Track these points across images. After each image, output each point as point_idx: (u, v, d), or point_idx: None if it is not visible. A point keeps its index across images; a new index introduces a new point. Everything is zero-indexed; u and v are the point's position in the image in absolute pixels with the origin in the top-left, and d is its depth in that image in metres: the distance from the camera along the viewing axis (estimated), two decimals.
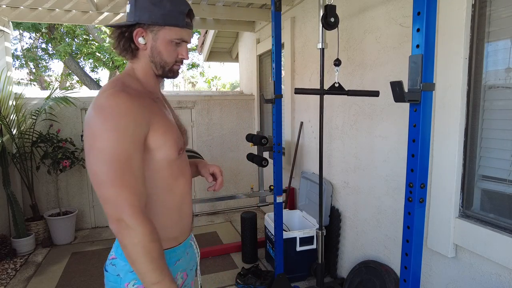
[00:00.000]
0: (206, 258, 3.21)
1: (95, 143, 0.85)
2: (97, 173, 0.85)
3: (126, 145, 0.86)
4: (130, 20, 0.98)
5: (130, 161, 0.87)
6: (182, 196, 1.06)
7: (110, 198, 0.85)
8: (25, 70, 11.09)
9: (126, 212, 0.84)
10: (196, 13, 3.60)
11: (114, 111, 0.87)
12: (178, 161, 1.03)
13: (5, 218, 3.50)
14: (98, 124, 0.86)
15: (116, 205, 0.84)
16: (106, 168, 0.84)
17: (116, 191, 0.84)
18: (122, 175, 0.85)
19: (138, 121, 0.89)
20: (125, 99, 0.89)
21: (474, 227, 1.57)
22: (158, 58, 1.01)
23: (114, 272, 0.99)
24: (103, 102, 0.88)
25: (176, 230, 1.05)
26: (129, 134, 0.87)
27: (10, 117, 3.39)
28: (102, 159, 0.85)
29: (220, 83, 16.42)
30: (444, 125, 1.68)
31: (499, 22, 1.50)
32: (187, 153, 1.15)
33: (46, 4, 3.18)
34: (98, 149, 0.85)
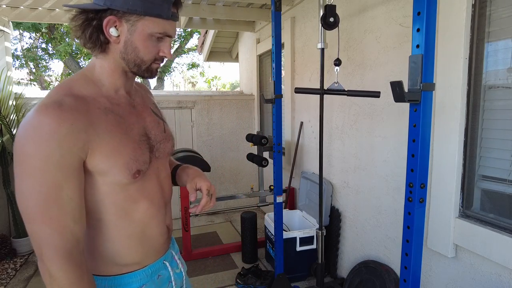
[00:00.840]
0: (206, 258, 3.22)
1: (17, 169, 0.73)
2: (20, 204, 0.74)
3: (51, 175, 0.72)
4: (98, 4, 0.78)
5: (57, 193, 0.73)
6: (144, 220, 0.91)
7: (32, 235, 0.73)
8: (25, 70, 11.09)
9: (46, 254, 0.72)
10: (196, 13, 3.61)
11: (37, 133, 0.72)
12: (138, 184, 0.88)
13: (5, 218, 3.51)
14: (20, 147, 0.73)
15: (38, 244, 0.73)
16: (27, 200, 0.72)
17: (38, 227, 0.72)
18: (46, 210, 0.72)
19: (66, 146, 0.73)
20: (52, 118, 0.73)
21: (474, 227, 1.57)
22: (132, 55, 0.83)
23: None
24: (29, 120, 0.73)
25: (137, 255, 0.92)
26: (54, 162, 0.72)
27: (10, 117, 3.39)
28: (25, 188, 0.72)
29: (220, 83, 16.43)
30: (444, 125, 1.68)
31: (499, 22, 1.50)
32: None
33: (46, 4, 3.18)
34: (21, 177, 0.73)
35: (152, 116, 0.99)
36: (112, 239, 0.87)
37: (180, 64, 13.18)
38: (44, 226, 0.72)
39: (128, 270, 0.91)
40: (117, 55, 0.84)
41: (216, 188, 3.64)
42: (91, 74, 0.86)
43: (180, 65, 13.17)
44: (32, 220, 0.73)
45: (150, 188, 0.93)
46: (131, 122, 0.89)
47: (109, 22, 0.79)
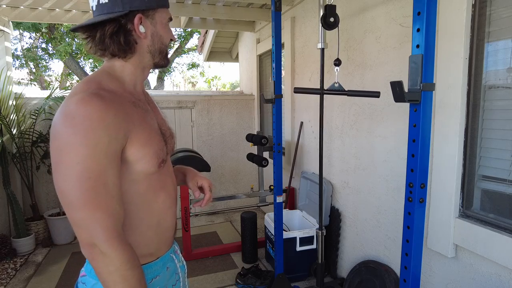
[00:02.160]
0: (206, 258, 3.22)
1: (63, 158, 0.75)
2: (66, 193, 0.75)
3: (98, 161, 0.76)
4: (114, 11, 0.83)
5: (104, 179, 0.77)
6: (161, 211, 0.95)
7: (82, 221, 0.76)
8: (25, 70, 11.09)
9: (100, 238, 0.75)
10: (196, 13, 3.62)
11: (85, 121, 0.75)
12: (158, 174, 0.93)
13: (5, 218, 3.50)
14: (66, 137, 0.75)
15: (88, 229, 0.76)
16: (76, 188, 0.74)
17: (88, 213, 0.75)
18: (95, 195, 0.75)
19: (112, 134, 0.77)
20: (98, 107, 0.76)
21: (474, 227, 1.57)
22: (159, 44, 0.92)
23: None
24: (72, 109, 0.76)
25: (152, 246, 0.95)
26: (102, 149, 0.76)
27: (10, 117, 3.39)
28: (71, 177, 0.74)
29: (220, 83, 16.43)
30: (444, 125, 1.68)
31: (499, 22, 1.50)
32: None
33: (46, 4, 3.18)
34: (66, 165, 0.74)
35: (161, 114, 1.05)
36: (133, 229, 0.90)
37: (180, 64, 13.19)
38: (96, 211, 0.75)
39: (144, 262, 0.92)
40: (145, 50, 0.91)
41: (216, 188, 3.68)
42: (113, 72, 0.90)
43: (180, 65, 13.17)
44: (81, 206, 0.75)
45: (165, 180, 0.98)
46: (151, 116, 0.95)
47: (138, 21, 0.87)
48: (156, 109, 1.04)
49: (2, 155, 3.24)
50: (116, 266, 0.77)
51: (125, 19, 0.85)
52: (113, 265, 0.76)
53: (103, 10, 0.84)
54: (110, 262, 0.76)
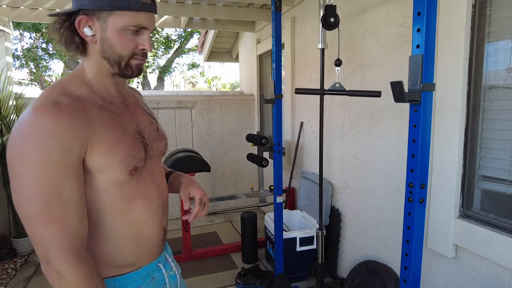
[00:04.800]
0: (206, 258, 3.21)
1: (15, 170, 0.72)
2: (20, 206, 0.72)
3: (51, 174, 0.71)
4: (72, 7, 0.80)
5: (59, 192, 0.72)
6: (140, 221, 0.90)
7: (35, 236, 0.72)
8: (26, 70, 11.09)
9: (53, 254, 0.72)
10: (196, 13, 3.61)
11: (35, 132, 0.71)
12: (135, 181, 0.88)
13: (5, 218, 3.51)
14: (17, 148, 0.71)
15: (43, 245, 0.72)
16: (29, 201, 0.71)
17: (42, 228, 0.71)
18: (49, 210, 0.71)
19: (65, 145, 0.73)
20: (51, 117, 0.72)
21: (474, 227, 1.57)
22: (110, 52, 0.83)
23: None
24: (26, 119, 0.72)
25: (131, 256, 0.91)
26: (55, 161, 0.72)
27: (10, 117, 3.39)
28: (23, 189, 0.71)
29: (220, 83, 16.43)
30: (444, 125, 1.67)
31: (500, 22, 1.50)
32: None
33: (46, 4, 3.18)
34: (18, 177, 0.71)
35: (145, 116, 0.99)
36: (107, 239, 0.86)
37: (180, 64, 13.19)
38: (49, 226, 0.72)
39: (122, 272, 0.90)
40: (98, 55, 0.85)
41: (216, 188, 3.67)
42: (81, 75, 0.87)
43: (180, 65, 13.18)
44: (35, 221, 0.71)
45: (145, 187, 0.92)
46: (125, 120, 0.90)
47: (81, 22, 0.80)
48: (138, 111, 0.97)
49: (2, 155, 3.24)
50: (70, 285, 0.73)
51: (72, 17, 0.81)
52: (68, 284, 0.73)
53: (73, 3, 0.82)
54: (64, 281, 0.72)
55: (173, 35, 11.13)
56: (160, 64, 11.60)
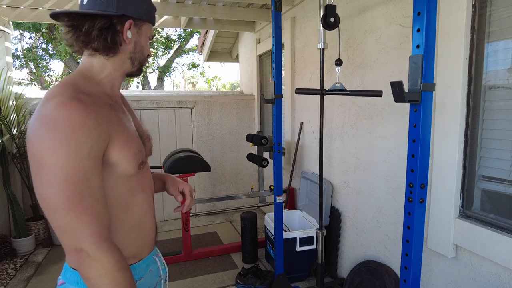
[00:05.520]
0: (206, 258, 3.22)
1: (45, 163, 0.73)
2: (49, 199, 0.74)
3: (82, 165, 0.75)
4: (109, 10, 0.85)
5: (89, 182, 0.76)
6: (141, 213, 0.96)
7: (67, 226, 0.74)
8: (26, 70, 11.09)
9: (87, 242, 0.75)
10: (196, 13, 3.62)
11: (66, 125, 0.74)
12: (137, 176, 0.93)
13: (5, 218, 3.50)
14: (48, 141, 0.73)
15: (75, 235, 0.75)
16: (60, 193, 0.73)
17: (74, 218, 0.74)
18: (81, 199, 0.75)
19: (94, 137, 0.77)
20: (79, 110, 0.76)
21: (474, 228, 1.57)
22: (139, 54, 0.95)
23: None
24: (52, 113, 0.75)
25: (134, 248, 0.95)
26: (85, 152, 0.75)
27: (10, 117, 3.40)
28: (54, 182, 0.73)
29: (220, 83, 16.43)
30: (444, 126, 1.67)
31: (500, 23, 1.50)
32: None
33: (46, 4, 3.18)
34: (49, 170, 0.73)
35: (136, 117, 1.08)
36: (115, 231, 0.88)
37: (180, 64, 13.19)
38: (82, 215, 0.75)
39: (129, 263, 0.93)
40: (127, 55, 0.93)
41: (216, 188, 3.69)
42: (90, 74, 0.90)
43: (180, 65, 13.18)
44: (67, 211, 0.74)
45: (144, 182, 0.99)
46: (128, 118, 0.97)
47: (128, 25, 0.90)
48: (132, 112, 1.06)
49: (2, 155, 3.24)
50: (106, 270, 0.76)
51: (117, 19, 0.88)
52: (104, 268, 0.76)
53: (96, 6, 0.85)
54: (100, 266, 0.76)
55: (173, 35, 11.13)
56: (160, 64, 11.60)
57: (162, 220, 4.38)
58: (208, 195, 4.51)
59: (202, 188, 4.51)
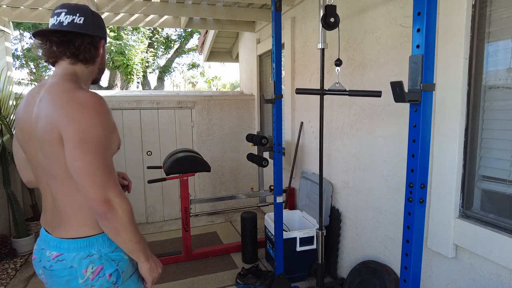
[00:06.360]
0: (206, 258, 3.22)
1: (86, 137, 0.96)
2: (89, 163, 0.96)
3: (107, 137, 1.02)
4: (89, 32, 1.11)
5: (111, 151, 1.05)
6: None
7: (100, 184, 0.97)
8: (25, 70, 11.10)
9: (114, 194, 0.99)
10: (196, 13, 3.62)
11: (99, 108, 1.01)
12: None
13: (5, 218, 3.50)
14: (88, 120, 0.98)
15: (105, 189, 0.98)
16: (96, 159, 0.97)
17: (105, 177, 0.98)
18: (108, 164, 1.01)
19: (112, 119, 1.06)
20: (102, 99, 1.03)
21: (474, 228, 1.57)
22: (103, 64, 1.23)
23: (64, 266, 1.06)
24: (87, 99, 1.00)
25: None
26: (109, 129, 1.03)
27: (10, 117, 3.40)
28: (93, 150, 0.97)
29: (220, 83, 16.42)
30: (444, 126, 1.68)
31: (500, 23, 1.50)
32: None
33: (46, 4, 3.18)
34: (90, 141, 0.97)
35: None
36: None
37: (180, 64, 13.19)
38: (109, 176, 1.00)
39: None
40: (97, 65, 1.20)
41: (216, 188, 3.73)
42: (75, 77, 1.11)
43: (180, 65, 13.18)
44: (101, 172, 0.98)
45: None
46: None
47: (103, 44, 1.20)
48: None
49: (2, 155, 3.24)
50: (126, 212, 1.01)
51: (96, 39, 1.15)
52: (124, 210, 1.01)
53: (76, 27, 1.08)
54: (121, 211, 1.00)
55: (173, 35, 11.13)
56: (160, 64, 11.60)
57: (162, 220, 4.37)
58: (208, 195, 4.51)
59: (202, 188, 4.51)
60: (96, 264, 1.06)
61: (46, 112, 0.99)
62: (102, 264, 1.06)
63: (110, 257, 1.08)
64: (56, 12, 1.08)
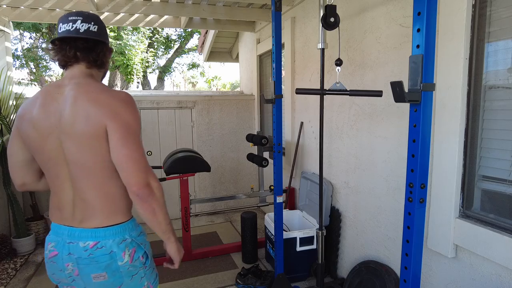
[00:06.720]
0: (206, 258, 3.22)
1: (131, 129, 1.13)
2: (135, 152, 1.12)
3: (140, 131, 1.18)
4: (101, 39, 1.23)
5: None
6: None
7: (144, 168, 1.13)
8: (26, 70, 11.09)
9: (153, 179, 1.15)
10: (196, 13, 3.62)
11: (135, 105, 1.19)
12: None
13: (5, 218, 3.50)
14: (130, 114, 1.14)
15: (147, 174, 1.13)
16: (140, 148, 1.14)
17: (146, 163, 1.14)
18: (144, 152, 1.17)
19: None
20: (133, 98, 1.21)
21: (474, 228, 1.57)
22: (107, 68, 1.35)
23: (105, 252, 1.16)
24: (126, 97, 1.17)
25: None
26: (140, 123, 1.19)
27: (10, 117, 3.39)
28: (137, 141, 1.14)
29: (220, 83, 16.42)
30: (444, 125, 1.67)
31: (500, 22, 1.50)
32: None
33: (46, 4, 3.18)
34: (134, 133, 1.13)
35: None
36: None
37: (180, 64, 13.18)
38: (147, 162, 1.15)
39: None
40: (104, 70, 1.33)
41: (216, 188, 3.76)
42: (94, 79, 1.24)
43: (180, 65, 13.17)
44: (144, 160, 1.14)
45: None
46: None
47: (111, 51, 1.34)
48: None
49: (2, 155, 3.24)
50: (161, 194, 1.16)
51: (107, 46, 1.29)
52: (159, 193, 1.16)
53: (93, 35, 1.19)
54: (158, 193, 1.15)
55: (173, 35, 11.13)
56: (160, 64, 11.60)
57: None
58: (208, 195, 4.51)
59: (202, 188, 4.51)
60: (130, 248, 1.19)
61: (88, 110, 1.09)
62: (134, 247, 1.20)
63: (138, 240, 1.23)
64: (71, 19, 1.16)
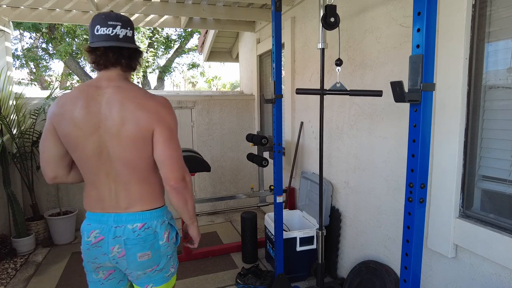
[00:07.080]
0: (206, 258, 3.21)
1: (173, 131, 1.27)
2: (176, 151, 1.27)
3: None
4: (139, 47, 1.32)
5: None
6: None
7: (182, 165, 1.29)
8: (26, 70, 11.10)
9: (187, 173, 1.31)
10: (196, 13, 3.62)
11: (172, 108, 1.31)
12: None
13: (5, 218, 3.50)
14: (171, 119, 1.28)
15: (183, 170, 1.29)
16: (179, 148, 1.29)
17: (182, 160, 1.30)
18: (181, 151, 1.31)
19: None
20: None
21: (474, 227, 1.57)
22: None
23: (150, 232, 1.30)
24: (167, 102, 1.30)
25: None
26: None
27: (10, 117, 3.40)
28: (177, 141, 1.28)
29: (220, 83, 16.42)
30: (444, 125, 1.68)
31: (500, 22, 1.50)
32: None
33: (46, 4, 3.18)
34: (175, 135, 1.28)
35: None
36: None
37: (180, 64, 13.18)
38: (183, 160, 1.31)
39: None
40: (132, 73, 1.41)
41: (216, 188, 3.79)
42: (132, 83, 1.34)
43: (180, 65, 13.16)
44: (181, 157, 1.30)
45: None
46: None
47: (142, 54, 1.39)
48: None
49: (2, 155, 3.24)
50: (191, 186, 1.33)
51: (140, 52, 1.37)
52: (190, 184, 1.34)
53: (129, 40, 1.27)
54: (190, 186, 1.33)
55: (173, 35, 11.12)
56: (160, 64, 11.59)
57: None
58: (208, 195, 4.51)
59: (202, 188, 4.51)
60: (167, 229, 1.37)
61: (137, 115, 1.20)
62: (169, 228, 1.38)
63: (172, 222, 1.42)
64: (111, 24, 1.20)
